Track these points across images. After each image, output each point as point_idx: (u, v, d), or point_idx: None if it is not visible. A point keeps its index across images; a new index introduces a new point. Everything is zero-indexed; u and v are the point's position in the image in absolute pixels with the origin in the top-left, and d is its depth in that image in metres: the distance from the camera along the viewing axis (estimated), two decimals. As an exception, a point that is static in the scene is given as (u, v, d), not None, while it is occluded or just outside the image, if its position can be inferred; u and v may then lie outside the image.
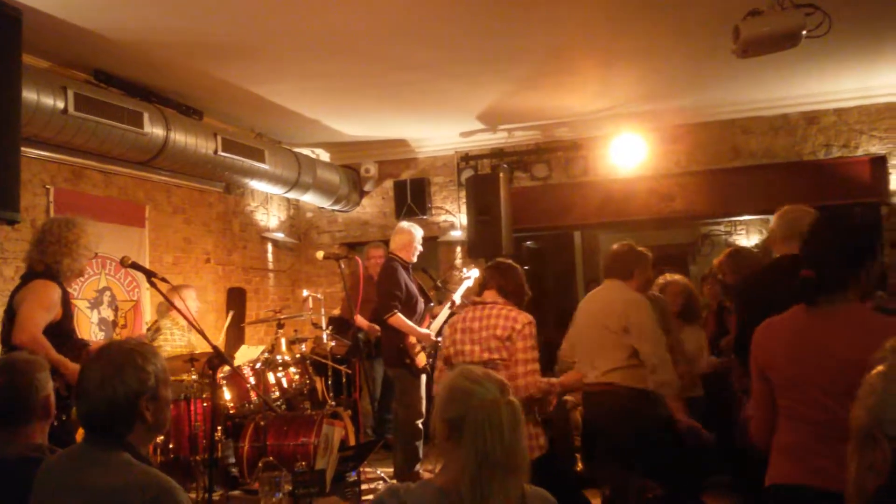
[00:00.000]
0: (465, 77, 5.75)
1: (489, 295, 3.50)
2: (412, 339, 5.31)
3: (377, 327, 5.81)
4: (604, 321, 3.78)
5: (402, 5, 4.37)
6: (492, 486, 1.68)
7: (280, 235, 8.04)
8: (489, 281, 3.54)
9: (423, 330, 5.38)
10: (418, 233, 5.61)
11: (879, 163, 6.80)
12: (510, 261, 3.69)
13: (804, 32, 4.13)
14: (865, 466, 1.52)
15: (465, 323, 3.42)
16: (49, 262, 3.74)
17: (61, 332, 3.74)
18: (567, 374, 3.71)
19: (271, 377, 5.50)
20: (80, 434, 3.61)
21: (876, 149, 6.81)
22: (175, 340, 5.65)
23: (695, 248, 11.06)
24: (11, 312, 3.66)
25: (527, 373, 3.31)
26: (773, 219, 3.35)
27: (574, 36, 5.03)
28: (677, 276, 5.13)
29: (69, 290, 3.92)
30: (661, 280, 4.98)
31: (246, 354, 5.94)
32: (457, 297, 5.68)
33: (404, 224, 5.73)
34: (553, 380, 3.46)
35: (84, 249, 3.87)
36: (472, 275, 5.93)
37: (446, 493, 1.73)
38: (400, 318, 5.25)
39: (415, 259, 5.61)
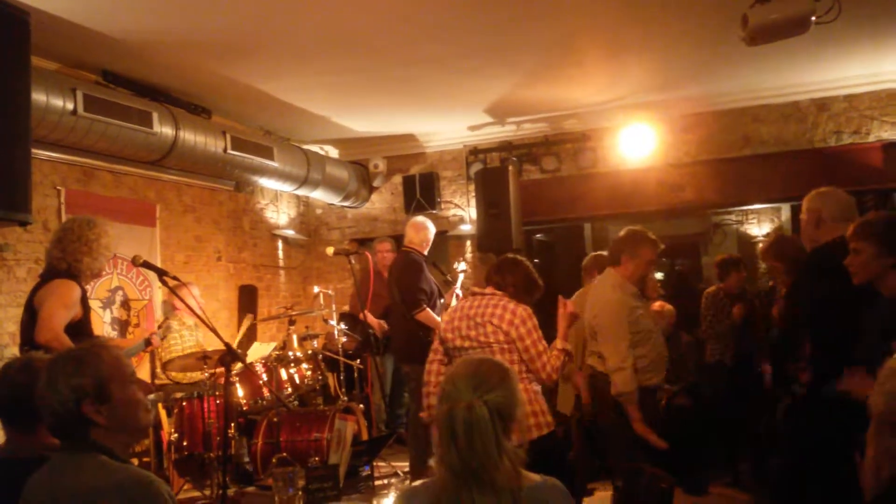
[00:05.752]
0: (472, 70, 5.74)
1: (489, 289, 3.62)
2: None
3: (385, 325, 5.80)
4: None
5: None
6: (460, 496, 1.65)
7: (290, 232, 8.06)
8: (490, 277, 3.68)
9: None
10: (434, 228, 5.61)
11: (891, 148, 6.73)
12: (516, 257, 3.74)
13: (813, 18, 4.09)
14: (882, 452, 1.51)
15: (464, 311, 3.55)
16: (70, 260, 3.78)
17: (81, 331, 3.77)
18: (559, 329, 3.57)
19: (284, 373, 5.52)
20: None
21: (888, 134, 6.74)
22: (185, 341, 5.67)
23: (706, 237, 11.00)
24: (32, 311, 3.69)
25: (544, 365, 3.40)
26: (812, 199, 3.25)
27: (581, 27, 5.00)
28: None
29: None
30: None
31: (258, 351, 5.96)
32: (458, 290, 5.68)
33: (420, 219, 5.59)
34: (558, 345, 3.47)
35: (104, 249, 3.91)
36: (462, 266, 6.01)
37: (435, 497, 1.71)
38: (428, 313, 5.17)
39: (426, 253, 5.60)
